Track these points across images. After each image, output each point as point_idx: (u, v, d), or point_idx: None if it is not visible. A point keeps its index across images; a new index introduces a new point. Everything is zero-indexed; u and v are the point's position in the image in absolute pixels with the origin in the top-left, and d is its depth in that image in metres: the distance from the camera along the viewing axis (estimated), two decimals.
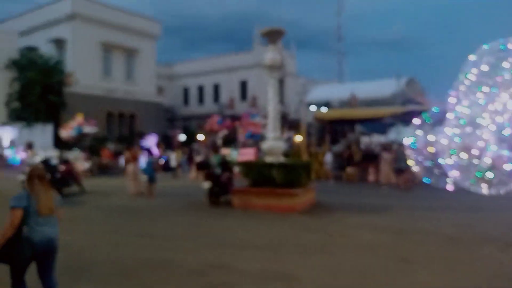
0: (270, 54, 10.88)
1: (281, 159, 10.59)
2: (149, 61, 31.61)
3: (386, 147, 16.73)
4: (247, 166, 10.70)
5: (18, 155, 22.55)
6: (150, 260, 5.55)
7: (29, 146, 11.18)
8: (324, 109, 24.34)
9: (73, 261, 5.52)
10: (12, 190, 12.01)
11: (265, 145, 10.92)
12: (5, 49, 25.67)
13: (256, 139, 24.65)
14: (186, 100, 41.78)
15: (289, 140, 22.46)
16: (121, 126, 29.29)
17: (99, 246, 6.36)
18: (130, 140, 28.22)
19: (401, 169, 13.41)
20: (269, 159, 10.51)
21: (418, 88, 32.60)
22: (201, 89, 40.71)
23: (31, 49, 27.33)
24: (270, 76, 11.02)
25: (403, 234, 7.22)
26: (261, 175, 10.02)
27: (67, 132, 21.54)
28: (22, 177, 11.96)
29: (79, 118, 21.87)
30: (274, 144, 10.68)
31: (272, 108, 10.86)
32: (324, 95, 31.17)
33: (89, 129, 22.11)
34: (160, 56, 35.05)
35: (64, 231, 7.41)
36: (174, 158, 20.63)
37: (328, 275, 4.94)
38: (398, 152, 13.86)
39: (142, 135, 28.45)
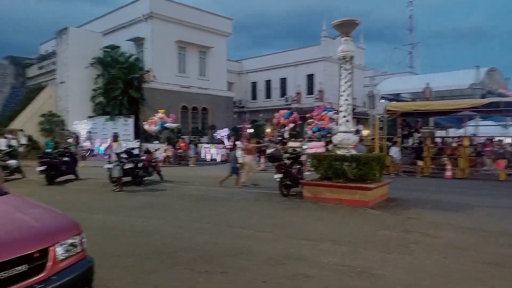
0: (342, 46, 10.65)
1: (353, 152, 10.41)
2: (221, 58, 32.58)
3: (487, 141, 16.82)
4: (317, 159, 10.66)
5: (102, 146, 24.64)
6: (230, 248, 5.81)
7: (115, 137, 12.15)
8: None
9: (159, 246, 5.96)
10: (102, 177, 13.32)
11: (337, 138, 10.79)
12: (91, 48, 28.03)
13: (323, 133, 24.38)
14: (254, 95, 42.53)
15: (357, 133, 21.90)
16: (194, 119, 30.63)
17: (181, 233, 6.78)
18: (203, 132, 29.46)
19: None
20: (340, 152, 10.38)
21: (499, 78, 29.87)
22: (268, 84, 41.17)
23: (113, 48, 29.52)
24: (342, 68, 10.80)
25: (488, 235, 6.75)
26: (332, 168, 9.95)
27: (150, 126, 23.17)
28: (108, 165, 13.10)
29: (161, 114, 23.38)
30: (345, 137, 10.52)
31: (344, 100, 10.66)
32: (395, 87, 29.89)
33: (170, 124, 23.61)
34: (230, 52, 35.91)
35: (150, 217, 8.10)
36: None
37: (412, 275, 4.77)
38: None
39: (214, 128, 29.55)
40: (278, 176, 10.68)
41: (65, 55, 28.18)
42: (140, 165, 12.90)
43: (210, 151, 25.27)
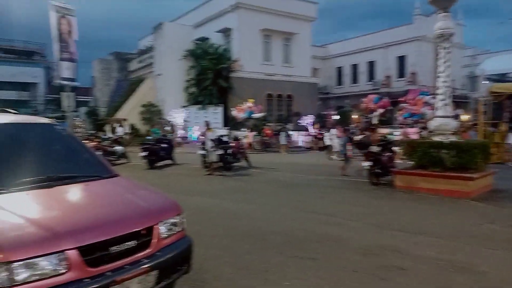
0: (440, 23, 9.79)
1: (452, 138, 9.58)
2: (305, 44, 32.17)
3: None
4: (411, 146, 10.03)
5: (195, 133, 26.15)
6: (318, 235, 5.80)
7: (207, 125, 12.83)
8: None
9: (251, 228, 6.18)
10: (196, 162, 14.18)
11: (434, 123, 10.02)
12: (183, 41, 29.70)
13: (416, 119, 22.85)
14: (339, 80, 41.35)
15: (456, 118, 20.09)
16: (279, 106, 30.88)
17: (271, 217, 6.94)
18: (287, 119, 29.60)
19: None
20: (437, 138, 9.63)
21: None
22: (355, 68, 39.66)
23: (203, 40, 30.91)
24: (440, 47, 9.93)
25: None
26: (427, 155, 9.29)
27: (238, 113, 24.01)
28: (201, 151, 13.87)
29: (250, 103, 24.08)
30: (443, 122, 9.72)
31: (442, 82, 9.83)
32: (501, 66, 26.55)
33: (257, 113, 24.21)
34: (315, 38, 35.12)
35: (240, 200, 8.42)
36: (328, 136, 20.82)
37: None
38: None
39: (299, 115, 29.49)
40: (367, 164, 10.31)
41: (161, 49, 30.29)
42: (229, 151, 13.43)
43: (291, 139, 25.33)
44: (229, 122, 25.49)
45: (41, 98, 55.92)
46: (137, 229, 3.00)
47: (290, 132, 25.35)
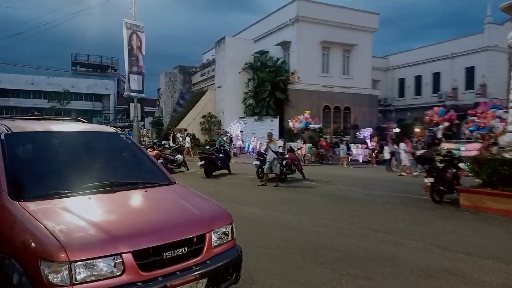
0: None
1: None
2: (365, 55, 31.45)
3: None
4: (479, 163, 9.34)
5: (251, 144, 26.50)
6: (374, 253, 5.57)
7: (271, 136, 13.04)
8: None
9: (302, 241, 6.10)
10: (251, 172, 14.34)
11: (505, 139, 9.28)
12: (244, 54, 30.40)
13: (483, 132, 21.26)
14: (401, 92, 39.76)
15: None
16: (336, 119, 30.36)
17: (323, 231, 6.80)
18: (344, 132, 28.99)
19: None
20: (508, 155, 8.89)
21: None
22: (418, 79, 37.92)
23: (262, 53, 31.42)
24: None
25: None
26: (498, 173, 8.59)
27: (294, 124, 23.99)
28: (256, 162, 14.02)
29: (306, 114, 24.00)
30: None
31: None
32: None
33: (313, 124, 24.05)
34: (376, 48, 34.23)
35: (293, 212, 8.36)
36: (387, 150, 20.08)
37: None
38: None
39: (357, 127, 28.77)
40: (429, 180, 9.76)
41: (222, 62, 31.25)
42: (284, 162, 13.42)
43: (352, 151, 24.69)
44: (285, 133, 25.51)
45: (112, 108, 60.13)
46: (189, 236, 3.09)
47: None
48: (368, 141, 25.16)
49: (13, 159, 3.34)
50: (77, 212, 2.95)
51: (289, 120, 25.27)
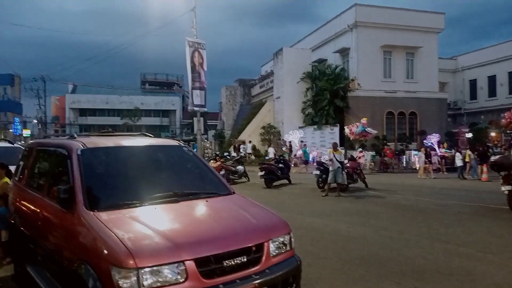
0: None
1: None
2: (431, 57, 29.89)
3: None
4: None
5: (311, 154, 26.22)
6: (444, 266, 5.23)
7: (335, 146, 12.90)
8: None
9: (366, 253, 5.90)
10: (312, 183, 14.19)
11: None
12: (301, 64, 30.41)
13: None
14: (473, 94, 37.03)
15: None
16: (400, 125, 29.08)
17: (388, 243, 6.52)
18: (410, 139, 27.65)
19: None
20: None
21: None
22: (492, 80, 35.10)
23: (320, 61, 31.19)
24: None
25: None
26: None
27: (350, 130, 23.39)
28: (317, 172, 13.86)
29: (363, 120, 23.32)
30: None
31: None
32: None
33: (370, 129, 23.24)
34: (442, 50, 32.40)
35: (355, 223, 8.13)
36: (459, 157, 18.81)
37: None
38: None
39: (424, 133, 27.32)
40: (506, 188, 8.97)
41: (280, 73, 31.51)
42: (344, 172, 13.11)
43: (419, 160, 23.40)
44: (345, 142, 24.93)
45: (178, 123, 63.09)
46: (248, 245, 3.15)
47: (411, 152, 23.53)
48: (436, 147, 23.73)
49: (88, 172, 3.65)
50: (144, 221, 3.15)
51: (345, 127, 24.63)
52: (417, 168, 19.84)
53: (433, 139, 24.54)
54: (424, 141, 25.99)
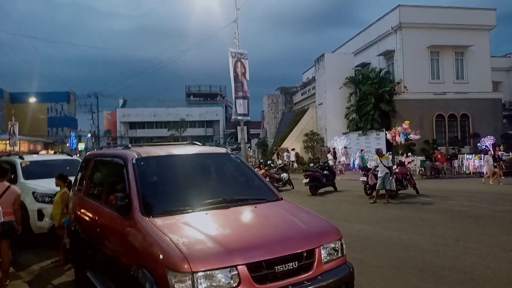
0: None
1: None
2: (483, 55, 28.37)
3: None
4: None
5: (356, 160, 25.62)
6: (506, 275, 4.91)
7: (380, 152, 12.65)
8: None
9: (419, 261, 5.67)
10: (359, 189, 13.85)
11: None
12: (344, 69, 29.96)
13: None
14: None
15: None
16: (451, 128, 27.74)
17: (443, 250, 6.22)
18: (462, 142, 26.30)
19: None
20: None
21: None
22: None
23: (364, 65, 30.55)
24: None
25: None
26: None
27: (393, 137, 22.60)
28: (363, 178, 13.53)
29: (405, 125, 22.48)
30: None
31: None
32: None
33: (413, 136, 22.37)
34: (494, 48, 30.71)
35: (407, 230, 7.83)
36: None
37: None
38: None
39: (477, 136, 25.88)
40: None
41: (322, 79, 31.22)
42: (393, 177, 12.69)
43: (474, 163, 22.13)
44: (393, 147, 24.14)
45: (222, 133, 64.27)
46: (299, 251, 3.15)
47: (465, 155, 22.30)
48: (491, 150, 22.35)
49: (143, 180, 3.83)
50: (196, 227, 3.24)
51: (386, 133, 23.77)
52: (485, 173, 18.49)
53: (487, 141, 23.16)
54: (478, 144, 24.63)
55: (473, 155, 22.40)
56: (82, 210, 4.94)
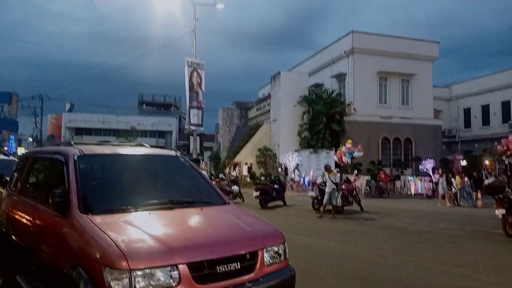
0: None
1: None
2: (426, 85, 30.43)
3: None
4: None
5: (306, 177, 26.19)
6: (438, 285, 5.19)
7: (328, 168, 12.93)
8: None
9: (360, 272, 5.85)
10: (307, 204, 14.13)
11: None
12: (298, 88, 30.81)
13: None
14: (467, 122, 37.43)
15: None
16: (396, 150, 29.26)
17: (383, 262, 6.47)
18: (405, 164, 27.75)
19: None
20: None
21: None
22: (485, 109, 35.56)
23: (317, 86, 31.61)
24: None
25: None
26: None
27: (339, 158, 23.37)
28: (312, 193, 13.85)
29: (348, 144, 23.42)
30: None
31: None
32: None
33: (356, 153, 23.28)
34: (437, 78, 33.04)
35: (350, 243, 8.08)
36: (455, 183, 18.79)
37: None
38: None
39: (418, 159, 27.46)
40: (500, 212, 8.99)
41: (277, 96, 31.88)
42: (340, 194, 13.10)
43: (415, 184, 23.42)
44: (341, 165, 24.95)
45: (174, 144, 63.13)
46: (242, 252, 3.14)
47: (407, 177, 23.54)
48: (431, 173, 23.80)
49: (84, 178, 3.65)
50: (138, 225, 3.13)
51: (333, 154, 24.61)
52: (440, 194, 19.02)
53: (428, 165, 24.65)
54: (420, 166, 26.10)
55: (415, 176, 23.71)
56: (15, 210, 4.61)
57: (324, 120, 27.57)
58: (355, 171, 22.46)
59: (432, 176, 22.96)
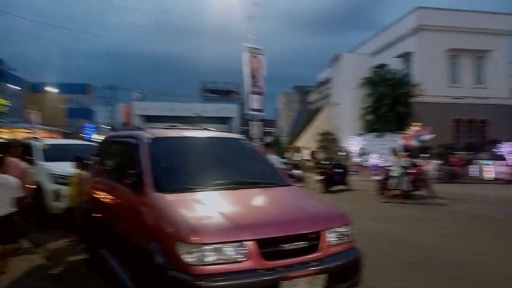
0: None
1: None
2: (501, 61, 27.81)
3: None
4: None
5: (372, 161, 25.35)
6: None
7: (395, 151, 12.53)
8: None
9: (427, 258, 5.63)
10: (372, 189, 13.74)
11: None
12: (360, 70, 29.70)
13: None
14: None
15: None
16: (469, 133, 27.25)
17: (454, 249, 6.16)
18: (479, 147, 25.80)
19: None
20: None
21: None
22: None
23: (381, 67, 30.22)
24: None
25: None
26: None
27: (406, 141, 22.31)
28: (378, 178, 13.43)
29: (417, 127, 22.24)
30: None
31: None
32: None
33: (425, 136, 22.11)
34: None
35: (418, 230, 7.76)
36: None
37: None
38: None
39: (495, 142, 25.36)
40: None
41: (338, 79, 31.10)
42: (409, 178, 12.55)
43: (491, 169, 21.69)
44: (408, 149, 23.84)
45: (236, 129, 64.48)
46: (306, 231, 3.17)
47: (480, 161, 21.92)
48: (509, 157, 21.88)
49: (155, 159, 3.90)
50: (206, 203, 3.30)
51: (400, 138, 23.45)
52: None
53: (506, 148, 22.68)
54: (496, 150, 24.14)
55: (491, 161, 21.99)
56: (96, 190, 5.04)
57: (389, 102, 26.39)
58: (425, 155, 21.33)
59: (510, 160, 21.12)
